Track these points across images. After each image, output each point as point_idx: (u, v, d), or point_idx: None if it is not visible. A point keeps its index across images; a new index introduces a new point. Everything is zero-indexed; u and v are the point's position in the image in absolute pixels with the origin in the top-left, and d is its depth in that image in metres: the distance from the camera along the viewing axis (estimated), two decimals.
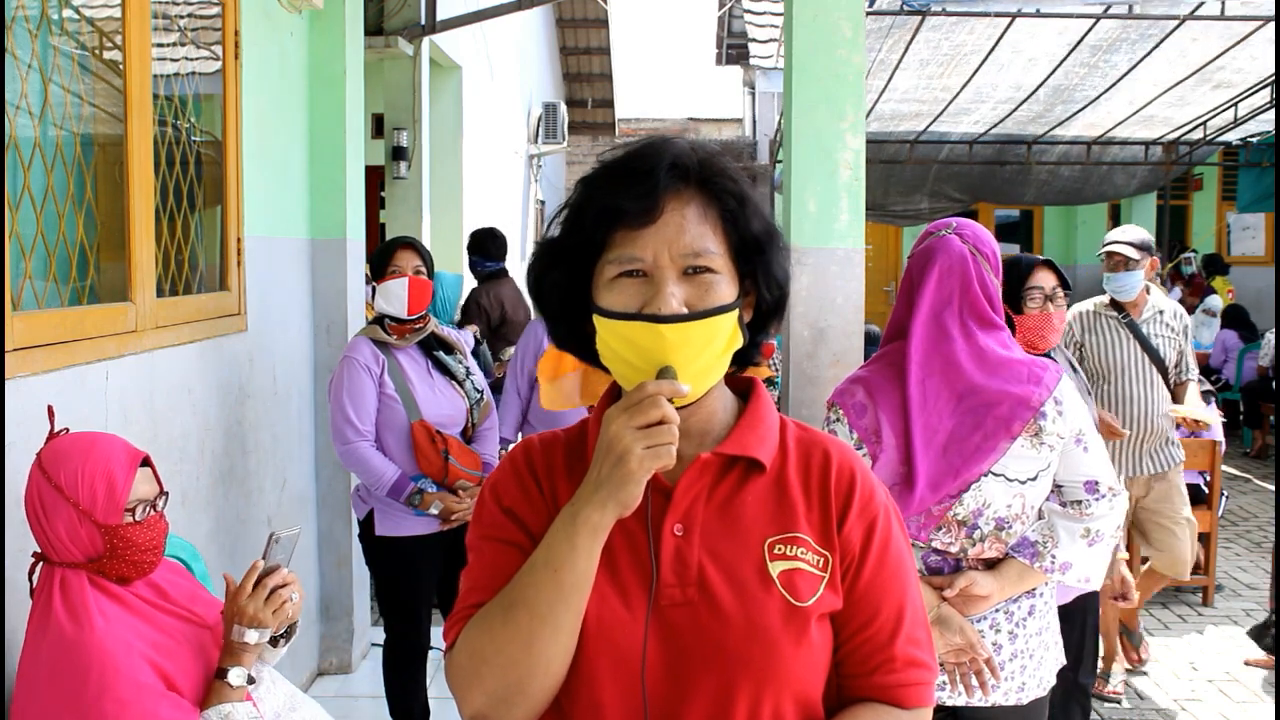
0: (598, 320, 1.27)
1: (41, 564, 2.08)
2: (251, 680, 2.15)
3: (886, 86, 8.29)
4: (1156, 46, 7.45)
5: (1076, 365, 3.61)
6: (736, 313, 1.27)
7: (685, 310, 1.22)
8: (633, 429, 1.16)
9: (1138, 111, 9.12)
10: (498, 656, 1.21)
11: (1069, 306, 3.34)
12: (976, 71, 8.04)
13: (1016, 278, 3.05)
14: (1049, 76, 8.18)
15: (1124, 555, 3.40)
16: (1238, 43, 7.36)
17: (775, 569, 1.27)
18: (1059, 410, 2.25)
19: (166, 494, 2.18)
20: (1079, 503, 2.34)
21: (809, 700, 1.28)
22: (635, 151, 1.28)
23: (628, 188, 1.24)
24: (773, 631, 1.24)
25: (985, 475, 2.23)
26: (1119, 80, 8.21)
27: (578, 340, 1.34)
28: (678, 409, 1.20)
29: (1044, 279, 3.06)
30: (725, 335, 1.26)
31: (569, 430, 1.40)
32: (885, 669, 1.31)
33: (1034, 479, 2.26)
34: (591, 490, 1.20)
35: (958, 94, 8.60)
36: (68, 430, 2.16)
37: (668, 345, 1.21)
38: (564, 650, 1.22)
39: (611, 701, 1.25)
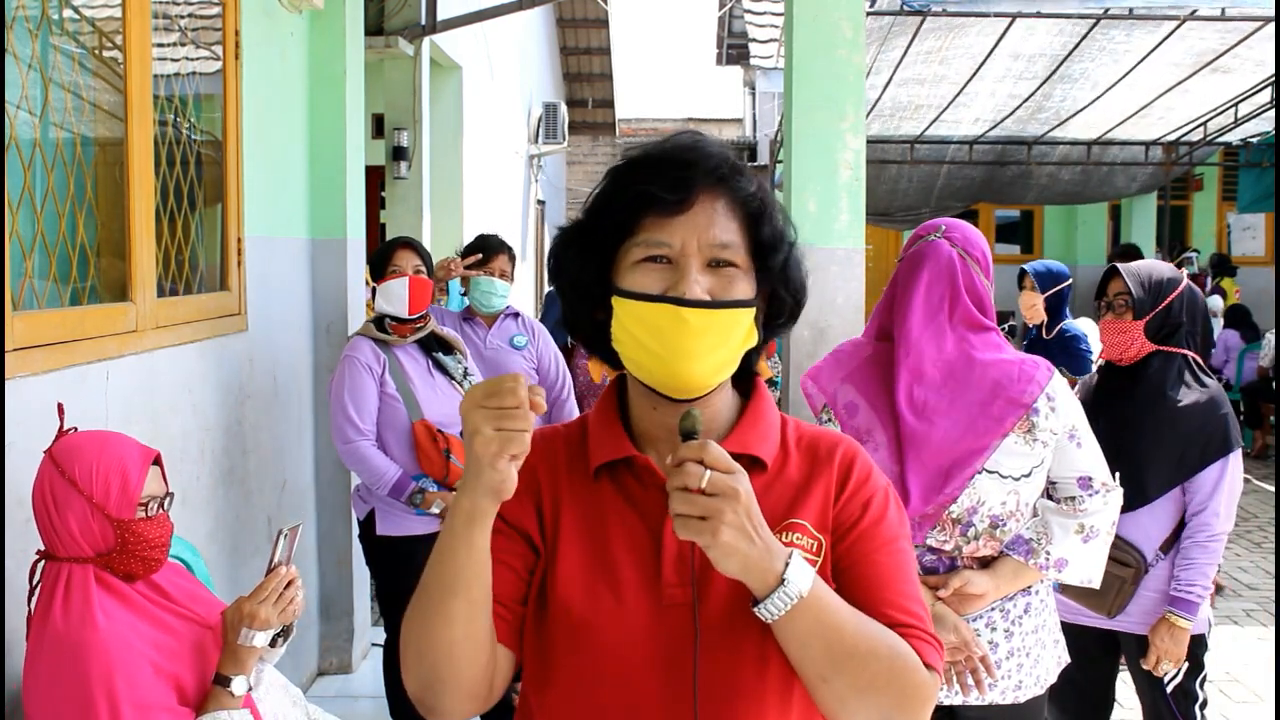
0: (617, 302, 1.27)
1: (45, 562, 2.08)
2: (249, 686, 2.15)
3: (886, 87, 8.29)
4: (1158, 46, 7.44)
5: None
6: (754, 310, 1.29)
7: (709, 299, 1.23)
8: (481, 408, 1.13)
9: (1140, 110, 9.12)
10: (412, 644, 1.22)
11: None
12: (976, 71, 8.04)
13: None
14: (1049, 76, 8.18)
15: None
16: (1240, 41, 7.35)
17: None
18: (1051, 406, 2.26)
19: (172, 494, 2.19)
20: (1073, 499, 2.34)
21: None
22: (671, 143, 1.30)
23: (663, 175, 1.25)
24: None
25: (979, 473, 2.23)
26: (1120, 80, 8.21)
27: (591, 327, 1.34)
28: (686, 401, 1.23)
29: (1109, 287, 2.95)
30: (743, 330, 1.27)
31: (569, 425, 1.40)
32: (888, 623, 1.25)
33: (1028, 475, 2.27)
34: (468, 477, 1.17)
35: (958, 94, 8.60)
36: (76, 428, 2.16)
37: (689, 330, 1.22)
38: (462, 637, 1.20)
39: (610, 701, 1.25)
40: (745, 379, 1.38)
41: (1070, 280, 3.86)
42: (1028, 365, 2.28)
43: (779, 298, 1.33)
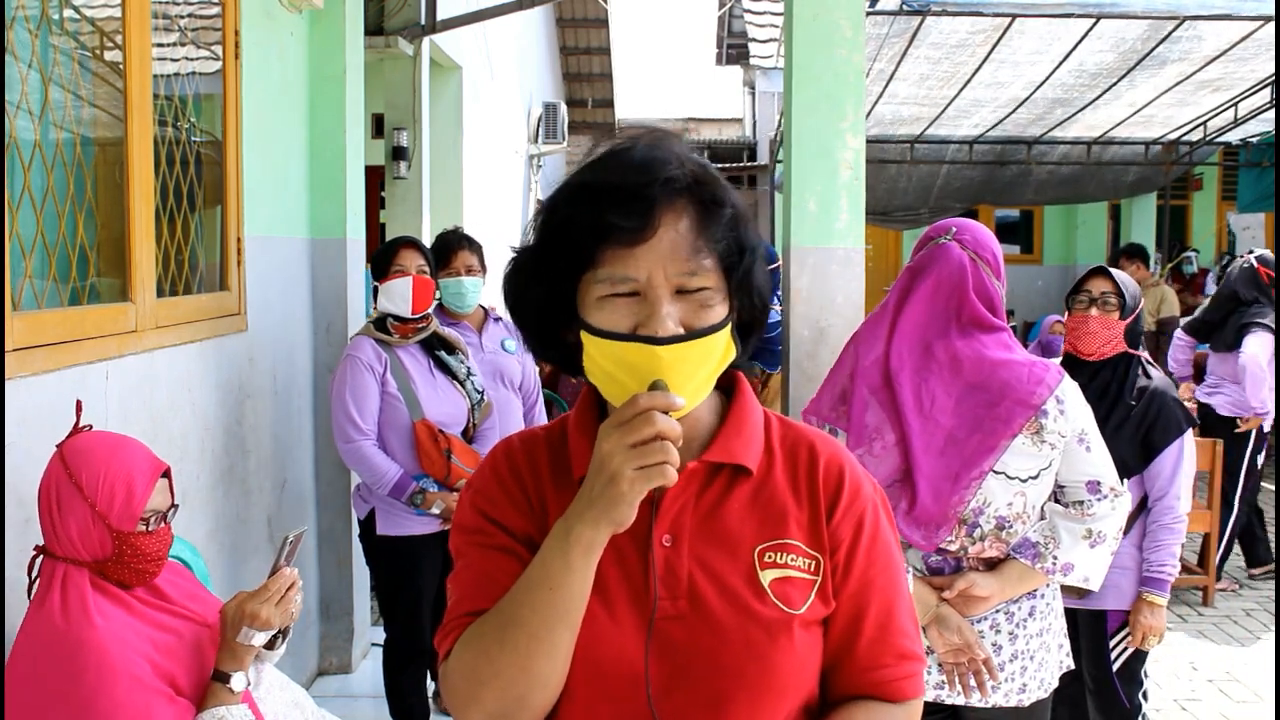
0: (586, 338, 1.22)
1: (43, 558, 2.07)
2: (248, 682, 2.15)
3: (885, 88, 8.28)
4: (1154, 48, 7.44)
5: None
6: (729, 328, 1.24)
7: (681, 330, 1.19)
8: (624, 447, 1.13)
9: (1136, 112, 9.13)
10: (495, 679, 1.19)
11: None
12: (976, 72, 8.04)
13: (1074, 283, 3.19)
14: (1048, 78, 8.17)
15: None
16: (1234, 44, 7.35)
17: (766, 578, 1.25)
18: (1060, 409, 2.25)
19: (177, 506, 2.18)
20: (1081, 503, 2.34)
21: (804, 707, 1.28)
22: (625, 164, 1.22)
23: (620, 203, 1.18)
24: (767, 642, 1.23)
25: (986, 473, 2.23)
26: (1116, 82, 8.21)
27: (557, 350, 1.30)
28: None
29: (1093, 284, 3.14)
30: (719, 352, 1.23)
31: (549, 428, 1.37)
32: (879, 665, 1.30)
33: (1035, 478, 2.26)
34: (584, 507, 1.16)
35: (956, 95, 8.59)
36: (91, 427, 2.15)
37: (663, 366, 1.17)
38: (562, 666, 1.20)
39: (608, 714, 1.23)
40: (725, 377, 1.32)
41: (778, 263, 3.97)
42: (1038, 367, 2.28)
43: (742, 306, 1.26)
